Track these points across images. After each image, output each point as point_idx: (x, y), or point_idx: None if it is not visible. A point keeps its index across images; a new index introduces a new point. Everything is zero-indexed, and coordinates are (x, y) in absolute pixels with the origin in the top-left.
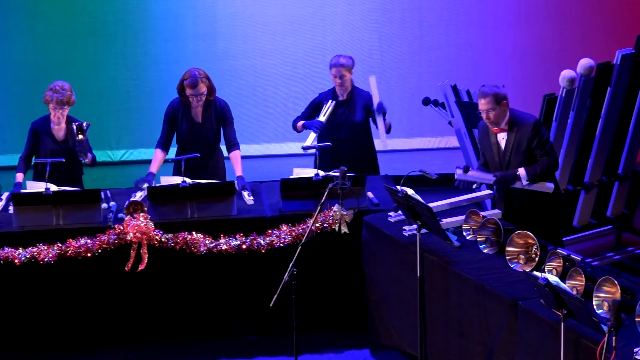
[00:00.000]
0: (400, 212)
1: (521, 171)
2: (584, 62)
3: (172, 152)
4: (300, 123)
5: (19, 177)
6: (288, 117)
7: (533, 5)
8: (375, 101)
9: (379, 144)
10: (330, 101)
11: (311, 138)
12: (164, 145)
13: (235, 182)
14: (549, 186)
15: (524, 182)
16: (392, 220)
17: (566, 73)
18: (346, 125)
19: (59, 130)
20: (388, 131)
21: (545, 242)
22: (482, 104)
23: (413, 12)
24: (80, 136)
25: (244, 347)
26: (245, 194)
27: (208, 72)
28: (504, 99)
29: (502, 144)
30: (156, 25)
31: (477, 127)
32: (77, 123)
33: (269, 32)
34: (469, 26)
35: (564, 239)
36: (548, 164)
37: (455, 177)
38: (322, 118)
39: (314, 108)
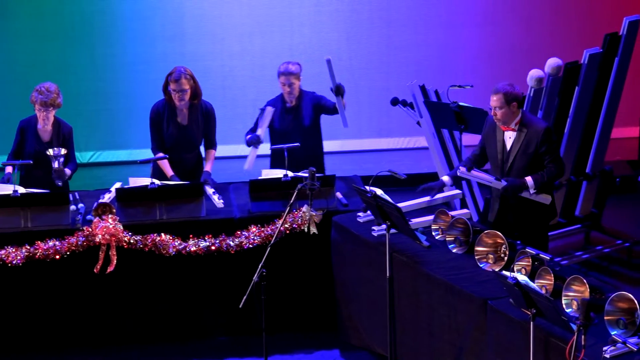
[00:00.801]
0: (369, 212)
1: (529, 180)
2: (552, 62)
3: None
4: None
5: (8, 169)
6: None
7: (501, 5)
8: (333, 82)
9: (346, 145)
10: (267, 108)
11: (252, 155)
12: (160, 149)
13: (202, 175)
14: (547, 198)
15: (532, 191)
16: (361, 220)
17: (534, 73)
18: (297, 131)
19: (44, 131)
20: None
21: (513, 241)
22: (493, 100)
23: (381, 12)
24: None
25: (213, 348)
26: (215, 196)
27: None
28: (515, 101)
29: (508, 144)
30: (124, 27)
31: (486, 119)
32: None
33: (237, 34)
34: (437, 26)
35: None
36: (555, 172)
37: (459, 174)
38: (259, 131)
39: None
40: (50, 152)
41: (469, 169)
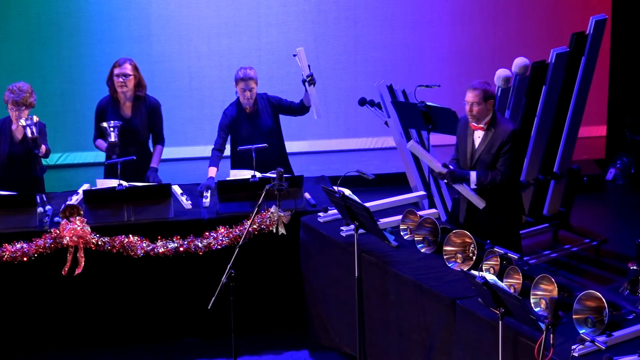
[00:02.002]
0: (329, 212)
1: (472, 175)
2: (519, 61)
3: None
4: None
5: None
6: None
7: (468, 5)
8: (305, 72)
9: (313, 145)
10: (111, 124)
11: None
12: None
13: (147, 171)
14: (480, 203)
15: (472, 186)
16: (321, 220)
17: (501, 72)
18: (260, 135)
19: (18, 131)
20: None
21: (482, 240)
22: (470, 96)
23: (348, 12)
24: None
25: (182, 349)
26: (183, 197)
27: (144, 74)
28: (492, 98)
29: (477, 142)
30: (91, 28)
31: (459, 120)
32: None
33: (203, 34)
34: (404, 26)
35: None
36: (498, 178)
37: (408, 146)
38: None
39: (227, 129)
40: (105, 124)
41: (423, 146)
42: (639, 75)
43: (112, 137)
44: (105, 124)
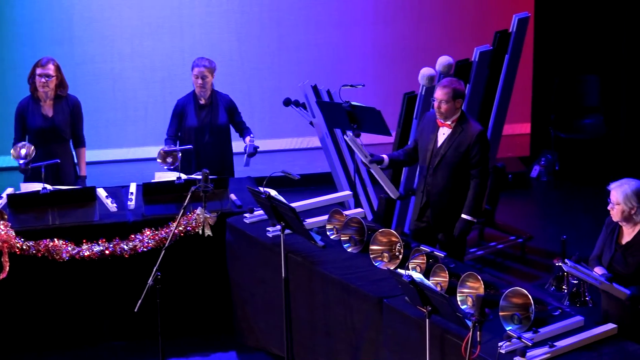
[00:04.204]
0: (255, 213)
1: (466, 217)
2: (443, 60)
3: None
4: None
5: None
6: (148, 121)
7: (392, 4)
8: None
9: (241, 146)
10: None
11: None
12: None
13: (77, 182)
14: (395, 193)
15: (475, 220)
16: (247, 221)
17: (425, 71)
18: (210, 129)
19: None
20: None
21: (408, 239)
22: (439, 94)
23: (272, 13)
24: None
25: (109, 353)
26: (108, 200)
27: (66, 76)
28: (460, 97)
29: (440, 140)
30: (13, 30)
31: (420, 115)
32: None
33: (126, 36)
34: (328, 26)
35: None
36: (479, 190)
37: (347, 138)
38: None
39: (179, 117)
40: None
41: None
42: (562, 73)
43: (22, 163)
44: (14, 153)
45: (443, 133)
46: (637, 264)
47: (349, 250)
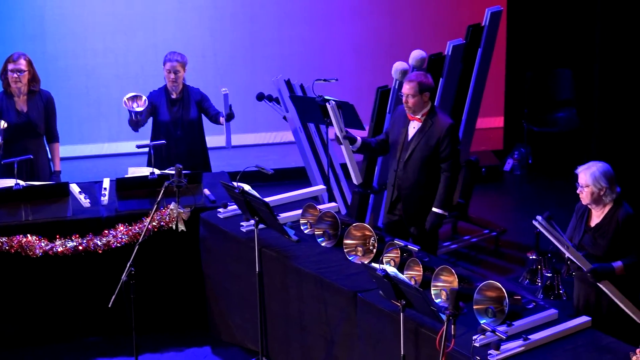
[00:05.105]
0: (229, 208)
1: (437, 210)
2: (416, 54)
3: None
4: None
5: None
6: (121, 117)
7: None
8: (226, 110)
9: (211, 141)
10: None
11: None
12: None
13: (52, 177)
14: (358, 179)
15: (446, 214)
16: (221, 216)
17: (398, 65)
18: (182, 123)
19: None
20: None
21: (382, 233)
22: (406, 88)
23: (245, 8)
24: None
25: (83, 349)
26: (81, 196)
27: (39, 73)
28: (427, 91)
29: (411, 133)
30: None
31: (393, 109)
32: None
33: (99, 32)
34: (301, 21)
35: None
36: (449, 183)
37: (328, 105)
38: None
39: (150, 107)
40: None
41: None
42: (535, 67)
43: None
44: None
45: (413, 127)
46: (606, 246)
47: (323, 244)
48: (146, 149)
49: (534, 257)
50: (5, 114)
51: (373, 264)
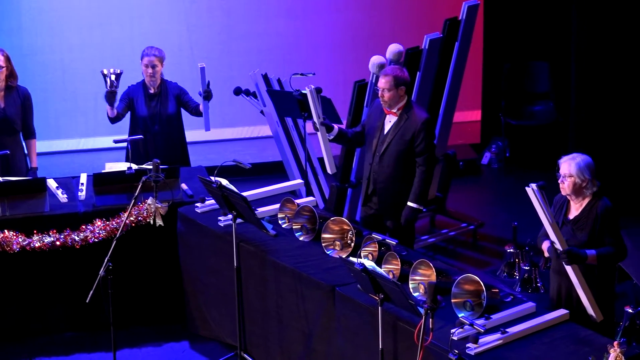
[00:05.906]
0: (207, 202)
1: (412, 205)
2: (393, 48)
3: None
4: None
5: None
6: (98, 111)
7: None
8: (203, 87)
9: (190, 135)
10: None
11: None
12: None
13: (29, 173)
14: (332, 168)
15: (421, 208)
16: (199, 211)
17: (376, 59)
18: (159, 118)
19: None
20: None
21: (360, 227)
22: (381, 83)
23: (221, 2)
24: None
25: (61, 344)
26: (59, 191)
27: (15, 68)
28: (403, 85)
29: (387, 127)
30: None
31: (370, 102)
32: None
33: (75, 26)
34: (278, 15)
35: None
36: (424, 177)
37: (306, 90)
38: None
39: (127, 98)
40: (105, 71)
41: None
42: (512, 60)
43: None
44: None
45: (389, 121)
46: (585, 238)
47: (301, 238)
48: (124, 144)
49: (511, 250)
50: None
51: (351, 258)
